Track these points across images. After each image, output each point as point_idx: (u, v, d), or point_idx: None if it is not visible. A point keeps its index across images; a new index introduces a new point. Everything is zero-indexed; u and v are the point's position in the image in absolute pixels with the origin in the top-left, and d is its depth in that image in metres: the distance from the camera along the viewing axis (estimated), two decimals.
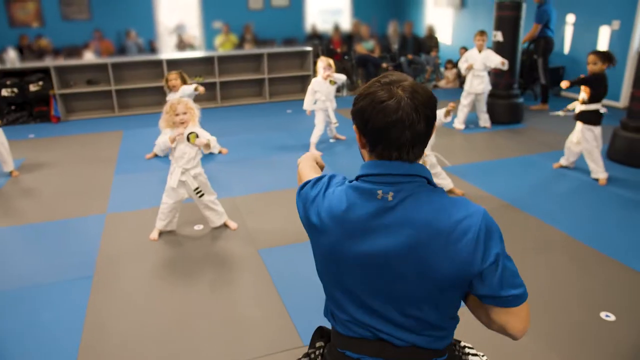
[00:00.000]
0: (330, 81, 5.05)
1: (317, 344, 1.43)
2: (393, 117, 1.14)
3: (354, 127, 1.26)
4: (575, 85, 4.52)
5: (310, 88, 5.78)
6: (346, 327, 1.31)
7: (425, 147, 1.22)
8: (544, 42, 7.57)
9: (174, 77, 5.24)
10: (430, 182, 1.23)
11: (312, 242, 1.33)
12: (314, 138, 5.81)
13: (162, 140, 3.60)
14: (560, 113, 4.72)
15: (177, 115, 3.51)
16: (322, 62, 5.77)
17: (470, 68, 6.43)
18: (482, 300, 1.22)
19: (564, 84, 4.53)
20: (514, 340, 1.25)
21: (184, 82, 5.25)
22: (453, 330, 1.32)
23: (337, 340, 1.34)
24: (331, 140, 6.29)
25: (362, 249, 1.21)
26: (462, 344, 1.48)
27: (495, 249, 1.16)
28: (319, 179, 1.35)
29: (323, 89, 5.73)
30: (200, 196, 3.70)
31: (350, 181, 1.28)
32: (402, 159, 1.19)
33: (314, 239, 1.31)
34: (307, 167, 1.57)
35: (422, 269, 1.16)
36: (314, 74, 5.99)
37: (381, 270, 1.20)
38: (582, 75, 4.52)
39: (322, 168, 1.64)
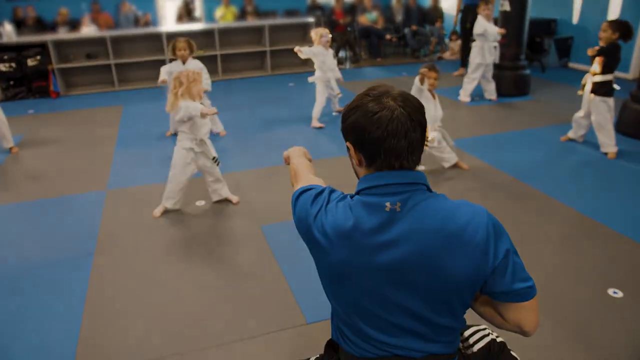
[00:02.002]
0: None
1: None
2: (389, 127, 1.13)
3: (347, 144, 1.23)
4: (598, 54, 4.35)
5: (312, 49, 5.55)
6: (360, 348, 1.28)
7: (422, 153, 1.21)
8: (475, 10, 7.44)
9: (182, 46, 5.00)
10: (428, 188, 1.22)
11: (316, 259, 1.29)
12: (316, 112, 5.71)
13: (187, 111, 3.38)
14: (580, 92, 4.62)
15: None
16: (316, 33, 5.63)
17: (503, 32, 6.24)
18: (496, 298, 1.22)
19: (591, 51, 4.39)
20: (525, 336, 1.26)
21: (192, 51, 5.09)
22: (459, 332, 1.33)
23: None
24: (334, 114, 6.20)
25: (375, 263, 1.17)
26: (465, 334, 1.46)
27: (504, 245, 1.17)
28: (318, 194, 1.30)
29: (325, 59, 5.59)
30: (218, 164, 3.67)
31: (352, 196, 1.25)
32: (404, 167, 1.18)
33: (319, 256, 1.26)
34: (303, 167, 1.53)
35: (438, 275, 1.15)
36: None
37: (396, 282, 1.18)
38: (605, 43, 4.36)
39: (310, 161, 1.62)
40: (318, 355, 1.48)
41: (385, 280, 1.18)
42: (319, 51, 5.57)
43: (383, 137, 1.14)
